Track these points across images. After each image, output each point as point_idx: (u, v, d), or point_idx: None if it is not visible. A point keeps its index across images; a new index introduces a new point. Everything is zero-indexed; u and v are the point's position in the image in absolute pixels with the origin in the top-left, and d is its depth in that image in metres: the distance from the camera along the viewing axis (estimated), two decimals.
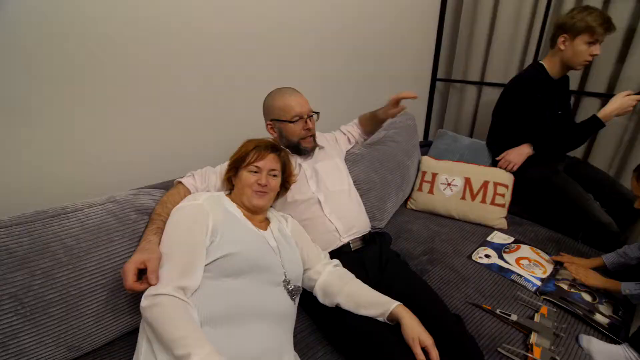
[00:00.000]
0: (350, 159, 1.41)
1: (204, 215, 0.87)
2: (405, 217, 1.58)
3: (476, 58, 2.28)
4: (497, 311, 1.05)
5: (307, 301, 1.03)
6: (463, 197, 1.55)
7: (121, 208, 0.93)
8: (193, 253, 0.82)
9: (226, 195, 1.02)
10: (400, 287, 1.04)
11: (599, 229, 1.36)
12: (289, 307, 0.92)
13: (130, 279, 0.74)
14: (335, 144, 1.39)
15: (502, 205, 1.53)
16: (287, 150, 1.15)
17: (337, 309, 0.96)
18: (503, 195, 1.53)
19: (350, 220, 1.18)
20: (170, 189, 1.04)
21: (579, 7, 1.42)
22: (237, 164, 1.02)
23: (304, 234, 1.09)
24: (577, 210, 1.40)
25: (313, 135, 1.21)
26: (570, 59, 1.43)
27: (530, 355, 0.91)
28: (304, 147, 1.19)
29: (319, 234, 1.13)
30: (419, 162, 1.72)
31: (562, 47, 1.42)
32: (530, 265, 1.29)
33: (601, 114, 1.37)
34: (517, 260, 1.31)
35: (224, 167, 1.08)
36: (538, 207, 1.58)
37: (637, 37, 1.72)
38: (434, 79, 2.46)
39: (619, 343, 0.97)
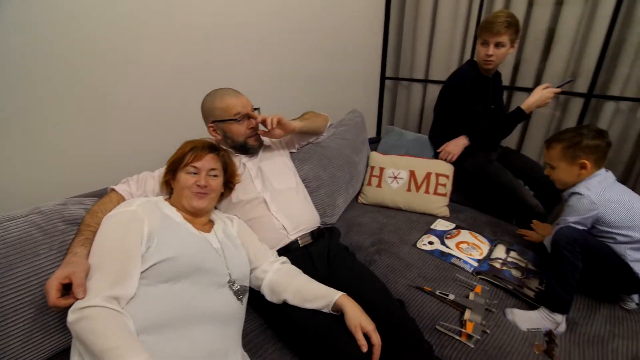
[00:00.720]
0: (299, 157, 1.43)
1: (138, 221, 0.85)
2: (356, 212, 1.63)
3: (420, 57, 2.40)
4: (437, 292, 1.13)
5: (256, 301, 1.04)
6: (409, 189, 1.63)
7: (47, 219, 0.88)
8: (126, 261, 0.79)
9: (165, 199, 1.00)
10: (347, 279, 1.08)
11: (528, 211, 1.50)
12: (236, 308, 0.92)
13: (52, 296, 0.71)
14: (279, 141, 1.41)
15: (444, 195, 1.63)
16: (229, 150, 1.15)
17: (285, 305, 0.98)
18: (444, 185, 1.63)
19: (298, 217, 1.20)
20: (103, 197, 1.00)
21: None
22: (174, 166, 1.00)
23: (250, 234, 1.10)
24: (508, 195, 1.53)
25: (258, 134, 1.22)
26: (477, 57, 1.55)
27: (464, 330, 0.99)
28: (250, 146, 1.20)
29: (267, 233, 1.14)
30: (368, 158, 1.78)
31: (477, 46, 1.55)
32: (468, 248, 1.38)
33: (524, 105, 1.51)
34: (457, 245, 1.40)
35: (162, 171, 1.05)
36: (476, 194, 1.71)
37: (556, 37, 1.91)
38: (382, 77, 2.56)
39: None
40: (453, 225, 1.54)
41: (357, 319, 0.88)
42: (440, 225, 1.55)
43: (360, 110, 1.92)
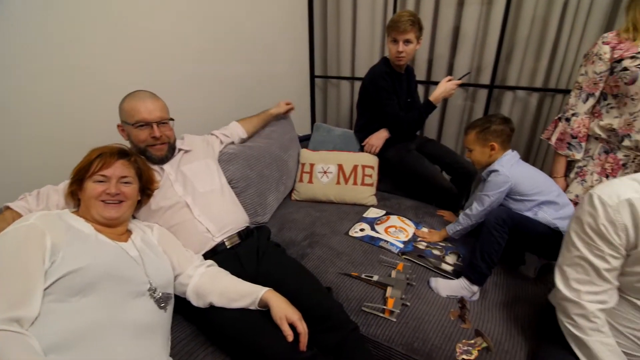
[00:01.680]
0: (224, 159, 1.42)
1: (37, 235, 0.78)
2: (289, 209, 1.66)
3: (345, 55, 2.50)
4: (363, 275, 1.19)
5: (185, 308, 1.01)
6: (338, 182, 1.70)
7: None
8: (26, 279, 0.72)
9: (72, 212, 0.93)
10: (276, 274, 1.10)
11: (444, 194, 1.65)
12: (158, 316, 0.89)
13: None
14: (206, 145, 1.38)
15: (371, 185, 1.73)
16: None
17: (212, 308, 0.97)
18: (371, 176, 1.73)
19: (223, 219, 1.19)
20: None
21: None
22: (80, 176, 0.93)
23: (172, 240, 1.06)
24: (426, 181, 1.68)
25: (168, 144, 1.17)
26: (389, 55, 1.68)
27: (386, 307, 1.06)
28: (150, 155, 1.14)
29: (191, 237, 1.11)
30: (299, 155, 1.82)
31: (387, 45, 1.67)
32: (396, 231, 1.48)
33: (432, 97, 1.65)
34: (386, 229, 1.49)
35: (67, 183, 0.98)
36: (400, 182, 1.83)
37: (460, 35, 2.11)
38: (312, 76, 2.62)
39: None
40: (383, 212, 1.64)
41: (282, 311, 0.90)
42: (372, 213, 1.64)
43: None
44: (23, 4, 1.08)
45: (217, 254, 1.13)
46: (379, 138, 1.76)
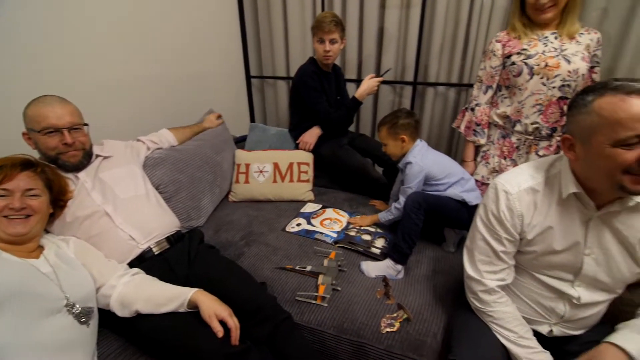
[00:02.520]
0: (149, 164, 1.38)
1: None
2: (226, 210, 1.65)
3: (279, 55, 2.54)
4: (297, 267, 1.24)
5: (111, 321, 0.97)
6: (275, 181, 1.73)
7: None
8: None
9: None
10: (209, 275, 1.10)
11: (374, 184, 1.76)
12: (79, 332, 0.85)
13: None
14: (130, 151, 1.33)
15: (307, 181, 1.78)
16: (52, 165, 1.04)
17: (139, 316, 0.94)
18: (306, 172, 1.78)
19: (149, 225, 1.16)
20: None
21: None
22: None
23: (92, 252, 1.02)
24: (357, 173, 1.78)
25: (82, 150, 1.12)
26: (316, 54, 1.75)
27: (318, 294, 1.12)
28: (62, 163, 1.08)
29: (113, 246, 1.07)
30: (234, 157, 1.82)
31: (313, 45, 1.74)
32: (331, 223, 1.55)
33: (357, 94, 1.75)
34: (322, 222, 1.55)
35: None
36: (335, 176, 1.92)
37: (385, 36, 2.25)
38: (248, 76, 2.62)
39: None
40: (320, 206, 1.70)
41: (211, 309, 0.91)
42: (309, 207, 1.69)
43: (227, 110, 1.93)
44: None
45: (145, 261, 1.10)
46: (312, 135, 1.82)
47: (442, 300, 1.13)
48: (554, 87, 1.28)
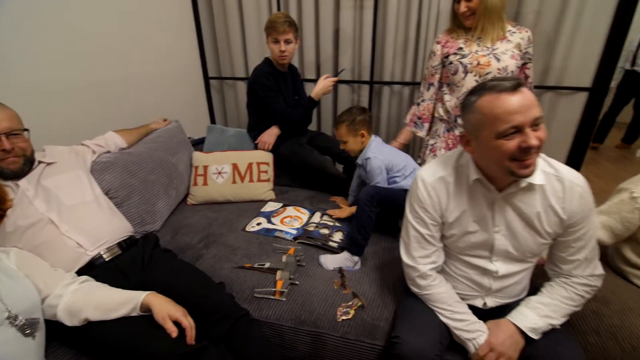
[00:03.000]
0: (97, 168, 1.33)
1: None
2: (185, 213, 1.63)
3: (237, 56, 2.53)
4: (256, 265, 1.26)
5: (61, 332, 0.94)
6: (234, 181, 1.73)
7: None
8: None
9: None
10: (164, 279, 1.09)
11: (333, 181, 1.81)
12: (23, 345, 0.82)
13: None
14: (74, 156, 1.28)
15: (268, 180, 1.80)
16: None
17: (90, 324, 0.92)
18: (266, 172, 1.80)
19: (99, 231, 1.13)
20: None
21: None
22: None
23: (35, 262, 0.97)
24: (316, 171, 1.81)
25: (23, 156, 1.07)
26: (271, 55, 1.78)
27: (276, 289, 1.14)
28: (1, 170, 1.03)
29: (60, 255, 1.03)
30: (191, 159, 1.79)
31: (268, 45, 1.76)
32: (291, 220, 1.57)
33: (313, 94, 1.79)
34: (282, 220, 1.57)
35: None
36: (296, 175, 1.94)
37: (341, 36, 2.31)
38: (206, 77, 2.58)
39: None
40: (280, 205, 1.72)
41: (164, 310, 0.90)
42: (270, 206, 1.71)
43: (186, 112, 1.90)
44: None
45: (95, 269, 1.07)
46: (270, 135, 1.83)
47: (395, 286, 1.18)
48: None
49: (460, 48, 1.43)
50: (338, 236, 1.46)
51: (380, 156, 1.45)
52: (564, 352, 0.86)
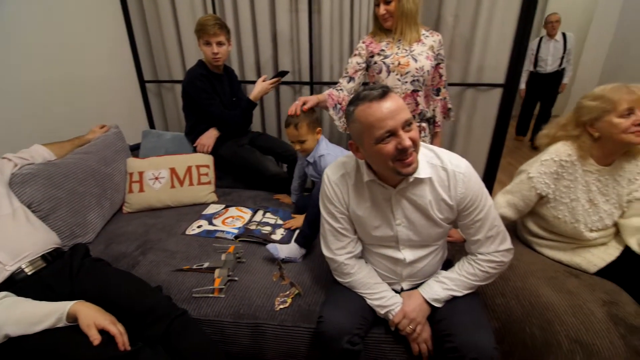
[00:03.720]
0: (17, 181, 1.25)
1: None
2: (120, 223, 1.58)
3: (174, 59, 2.47)
4: (194, 266, 1.26)
5: None
6: (173, 186, 1.71)
7: None
8: None
9: None
10: (96, 288, 1.06)
11: (275, 180, 1.85)
12: None
13: None
14: None
15: (209, 183, 1.79)
16: None
17: (11, 340, 0.88)
18: (207, 174, 1.79)
19: (18, 245, 1.07)
20: None
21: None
22: None
23: None
24: (257, 170, 1.85)
25: None
26: (205, 57, 1.78)
27: (214, 287, 1.16)
28: None
29: None
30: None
31: (200, 48, 1.76)
32: (233, 220, 1.59)
33: (251, 96, 1.82)
34: (223, 221, 1.59)
35: None
36: (239, 176, 1.96)
37: (280, 39, 2.35)
38: (142, 81, 2.50)
39: None
40: (223, 206, 1.73)
41: (90, 318, 0.89)
42: (211, 209, 1.71)
43: (121, 118, 1.83)
44: None
45: (16, 283, 1.02)
46: (209, 137, 1.83)
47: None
48: (406, 82, 1.53)
49: (383, 50, 1.54)
50: (279, 233, 1.51)
51: (332, 153, 1.50)
52: (476, 332, 0.92)
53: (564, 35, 3.75)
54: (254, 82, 2.45)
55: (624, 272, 1.21)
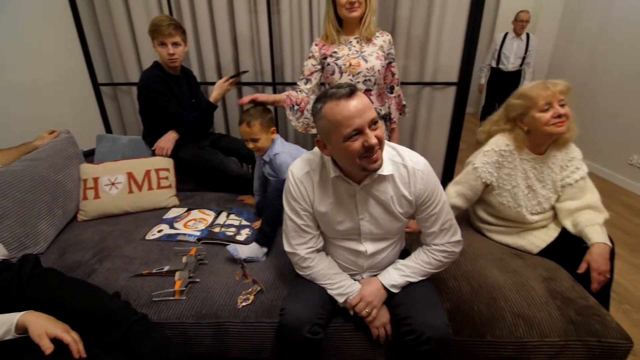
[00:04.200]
0: None
1: None
2: (75, 231, 1.52)
3: (130, 60, 2.40)
4: (154, 270, 1.25)
5: None
6: (130, 191, 1.66)
7: None
8: None
9: None
10: (48, 297, 1.02)
11: (239, 181, 1.85)
12: None
13: None
14: None
15: (169, 186, 1.76)
16: None
17: None
18: (167, 178, 1.76)
19: None
20: None
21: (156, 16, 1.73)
22: None
23: None
24: (219, 172, 1.84)
25: None
26: (160, 59, 1.75)
27: (175, 289, 1.15)
28: None
29: None
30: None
31: (155, 49, 1.73)
32: (195, 223, 1.58)
33: (211, 98, 1.80)
34: (185, 224, 1.57)
35: None
36: (201, 178, 1.94)
37: (240, 39, 2.34)
38: (96, 85, 2.40)
39: None
40: (184, 209, 1.70)
41: (41, 327, 0.86)
42: (173, 212, 1.68)
43: (74, 123, 1.75)
44: None
45: None
46: (168, 140, 1.80)
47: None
48: (359, 82, 1.58)
49: (335, 52, 1.59)
50: (244, 233, 1.51)
51: (287, 151, 1.51)
52: (430, 313, 0.97)
53: (527, 35, 3.73)
54: (214, 84, 2.44)
55: (561, 251, 1.34)
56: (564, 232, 1.36)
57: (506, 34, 3.80)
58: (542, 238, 1.39)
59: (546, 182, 1.34)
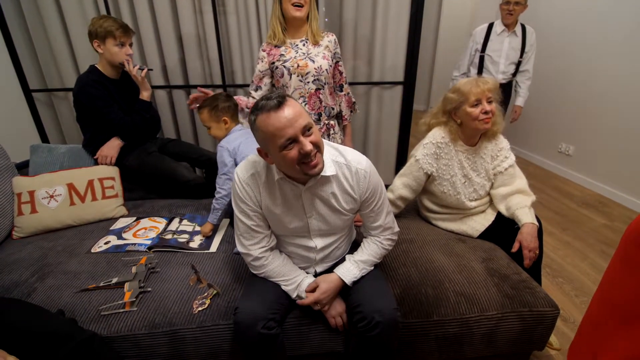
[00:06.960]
0: None
1: None
2: (10, 250, 1.40)
3: (65, 65, 2.25)
4: (101, 284, 1.19)
5: None
6: (72, 203, 1.56)
7: None
8: None
9: None
10: None
11: (191, 185, 1.80)
12: None
13: None
14: None
15: (116, 196, 1.68)
16: None
17: None
18: (112, 187, 1.67)
19: None
20: None
21: (98, 16, 1.65)
22: None
23: None
24: (169, 178, 1.78)
25: None
26: (110, 59, 1.66)
27: (125, 301, 1.11)
28: None
29: None
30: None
31: (99, 50, 1.65)
32: (145, 232, 1.52)
33: (141, 96, 1.74)
34: (134, 234, 1.51)
35: None
36: (150, 185, 1.87)
37: (186, 41, 2.28)
38: (27, 91, 2.22)
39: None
40: (134, 219, 1.63)
41: None
42: (120, 223, 1.60)
43: (3, 133, 1.59)
44: None
45: None
46: (111, 147, 1.71)
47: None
48: (308, 82, 1.62)
49: (282, 55, 1.62)
50: (198, 240, 1.48)
51: (230, 146, 1.46)
52: (379, 299, 1.03)
53: (523, 28, 2.52)
54: (161, 87, 2.36)
55: (498, 233, 1.47)
56: (499, 215, 1.49)
57: (491, 26, 2.57)
58: (481, 222, 1.52)
59: (480, 171, 1.47)
